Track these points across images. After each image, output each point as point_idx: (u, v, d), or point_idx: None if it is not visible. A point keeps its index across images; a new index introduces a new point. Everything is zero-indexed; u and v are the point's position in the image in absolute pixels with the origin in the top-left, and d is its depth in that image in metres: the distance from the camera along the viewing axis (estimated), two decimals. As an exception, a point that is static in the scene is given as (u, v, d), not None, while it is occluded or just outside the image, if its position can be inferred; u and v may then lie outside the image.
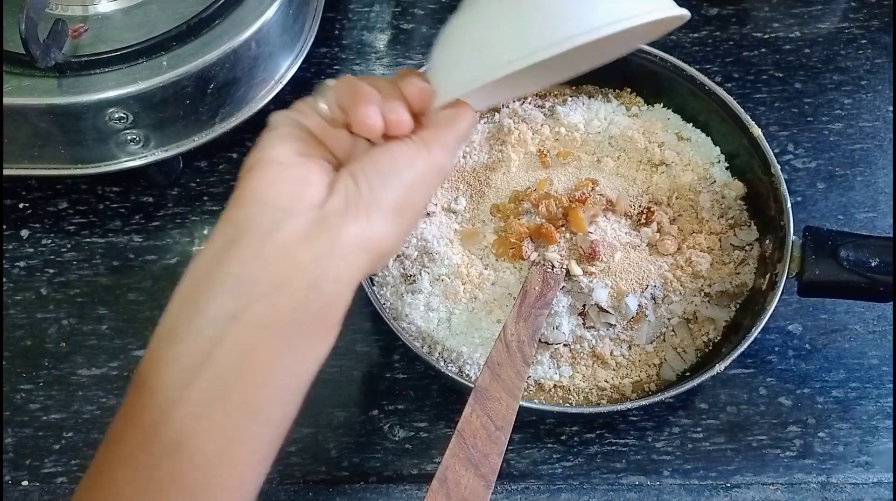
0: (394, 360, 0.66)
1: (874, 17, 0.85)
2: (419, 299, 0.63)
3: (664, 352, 0.64)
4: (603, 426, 0.64)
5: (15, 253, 0.70)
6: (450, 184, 0.68)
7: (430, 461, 0.62)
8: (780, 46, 0.83)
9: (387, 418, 0.64)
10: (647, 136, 0.71)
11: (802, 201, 0.74)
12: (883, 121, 0.78)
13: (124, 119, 0.64)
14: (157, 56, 0.64)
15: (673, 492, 0.61)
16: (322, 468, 0.62)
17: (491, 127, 0.72)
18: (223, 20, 0.67)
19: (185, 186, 0.73)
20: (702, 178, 0.69)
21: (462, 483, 0.49)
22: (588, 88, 0.75)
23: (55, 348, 0.66)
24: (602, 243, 0.63)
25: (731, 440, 0.63)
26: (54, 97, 0.62)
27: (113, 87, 0.63)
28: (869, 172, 0.76)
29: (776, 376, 0.66)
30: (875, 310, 0.68)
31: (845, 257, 0.60)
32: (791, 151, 0.77)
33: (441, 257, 0.64)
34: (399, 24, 0.84)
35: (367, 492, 0.61)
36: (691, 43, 0.83)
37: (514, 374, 0.55)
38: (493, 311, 0.63)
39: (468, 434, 0.51)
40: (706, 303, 0.65)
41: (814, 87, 0.81)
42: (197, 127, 0.68)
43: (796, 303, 0.67)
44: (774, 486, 0.61)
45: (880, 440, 0.63)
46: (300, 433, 0.63)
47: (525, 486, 0.61)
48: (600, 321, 0.62)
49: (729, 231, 0.67)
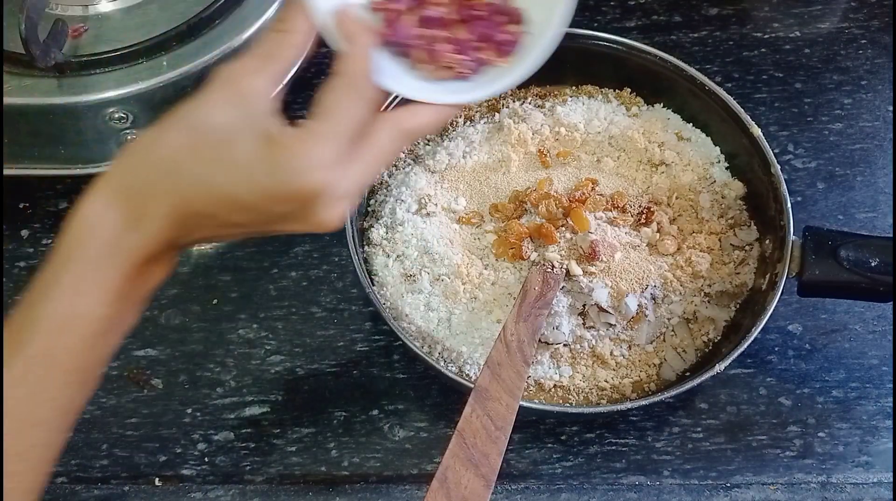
0: (394, 360, 0.66)
1: (874, 17, 0.85)
2: (419, 299, 0.63)
3: (664, 352, 0.64)
4: (603, 426, 0.64)
5: (15, 253, 0.70)
6: (450, 184, 0.68)
7: (430, 461, 0.62)
8: (780, 46, 0.83)
9: (387, 418, 0.64)
10: (647, 136, 0.71)
11: (802, 201, 0.74)
12: (883, 121, 0.78)
13: (124, 119, 0.64)
14: (158, 56, 0.64)
15: (673, 492, 0.61)
16: (322, 468, 0.62)
17: (491, 127, 0.72)
18: (223, 20, 0.67)
19: (185, 186, 0.73)
20: (702, 178, 0.69)
21: (462, 482, 0.49)
22: (588, 88, 0.75)
23: (55, 348, 0.66)
24: (602, 243, 0.63)
25: (731, 440, 0.63)
26: (54, 97, 0.63)
27: (113, 87, 0.63)
28: (869, 172, 0.76)
29: (776, 376, 0.66)
30: (875, 310, 0.68)
31: (845, 257, 0.60)
32: (791, 151, 0.77)
33: (441, 257, 0.64)
34: (399, 24, 0.84)
35: (367, 492, 0.61)
36: (691, 43, 0.83)
37: (514, 374, 0.55)
38: (493, 311, 0.63)
39: (468, 434, 0.51)
40: (706, 303, 0.65)
41: (814, 87, 0.81)
42: (197, 127, 0.68)
43: (796, 303, 0.67)
44: (774, 486, 0.61)
45: (880, 440, 0.63)
46: (300, 433, 0.63)
47: (525, 486, 0.61)
48: (600, 321, 0.62)
49: (729, 231, 0.67)
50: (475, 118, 0.73)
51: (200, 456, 0.62)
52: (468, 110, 0.73)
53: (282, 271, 0.69)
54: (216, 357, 0.66)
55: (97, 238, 0.42)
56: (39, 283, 0.43)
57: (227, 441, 0.63)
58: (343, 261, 0.69)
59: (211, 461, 0.62)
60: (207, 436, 0.63)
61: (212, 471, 0.61)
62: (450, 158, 0.69)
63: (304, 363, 0.66)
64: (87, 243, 0.42)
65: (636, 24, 0.84)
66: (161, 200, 0.43)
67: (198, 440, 0.63)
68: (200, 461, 0.62)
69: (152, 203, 0.43)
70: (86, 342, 0.43)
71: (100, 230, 0.42)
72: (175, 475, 0.61)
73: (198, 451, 0.62)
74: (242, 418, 0.64)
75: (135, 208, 0.42)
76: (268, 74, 0.44)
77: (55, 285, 0.42)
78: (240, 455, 0.62)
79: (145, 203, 0.43)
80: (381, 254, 0.65)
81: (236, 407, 0.64)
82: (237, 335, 0.67)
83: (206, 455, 0.62)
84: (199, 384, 0.65)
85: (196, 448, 0.62)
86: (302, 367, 0.66)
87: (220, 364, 0.65)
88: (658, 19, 0.85)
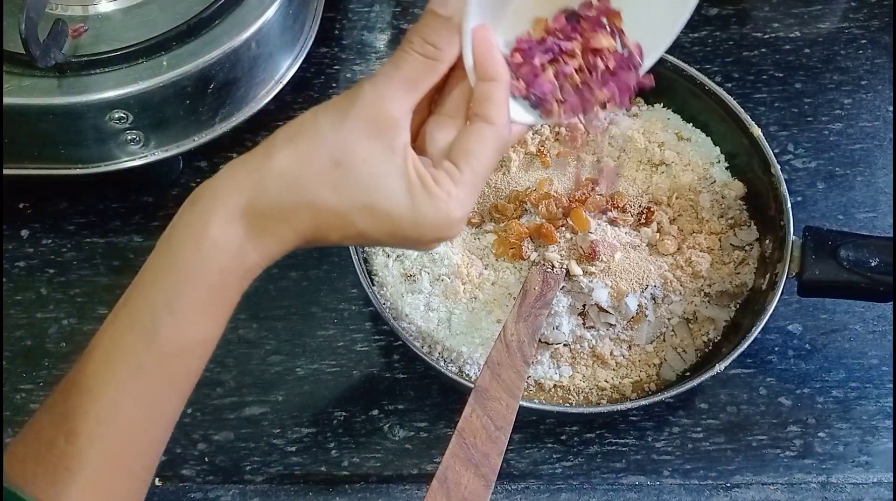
0: (394, 360, 0.66)
1: (874, 17, 0.85)
2: (419, 299, 0.63)
3: (664, 352, 0.64)
4: (603, 426, 0.64)
5: (15, 253, 0.70)
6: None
7: (430, 461, 0.62)
8: (780, 46, 0.83)
9: (387, 418, 0.64)
10: (647, 136, 0.71)
11: (802, 201, 0.74)
12: (883, 121, 0.78)
13: (124, 119, 0.64)
14: (158, 56, 0.64)
15: (673, 492, 0.61)
16: (322, 468, 0.62)
17: (491, 127, 0.72)
18: (223, 20, 0.67)
19: (185, 187, 0.73)
20: (702, 178, 0.69)
21: (462, 482, 0.49)
22: (588, 87, 0.75)
23: (55, 348, 0.66)
24: (602, 243, 0.63)
25: (731, 440, 0.63)
26: (54, 97, 0.62)
27: (113, 87, 0.63)
28: (869, 172, 0.76)
29: (776, 376, 0.66)
30: (875, 310, 0.68)
31: (845, 257, 0.60)
32: (791, 151, 0.77)
33: (441, 257, 0.64)
34: (399, 24, 0.84)
35: (367, 492, 0.61)
36: (691, 43, 0.83)
37: (514, 374, 0.55)
38: (493, 311, 0.63)
39: (468, 434, 0.51)
40: (706, 303, 0.65)
41: (814, 87, 0.80)
42: (197, 127, 0.68)
43: (796, 303, 0.67)
44: (774, 486, 0.61)
45: (880, 440, 0.63)
46: (300, 433, 0.63)
47: (525, 486, 0.61)
48: (600, 321, 0.62)
49: (729, 231, 0.67)
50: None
51: (200, 456, 0.62)
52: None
53: (282, 271, 0.69)
54: (216, 357, 0.65)
55: (224, 263, 0.41)
56: (147, 297, 0.42)
57: (227, 440, 0.63)
58: (343, 261, 0.69)
59: (211, 461, 0.62)
60: (207, 436, 0.63)
61: (212, 471, 0.61)
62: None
63: (304, 363, 0.66)
64: (211, 267, 0.41)
65: (636, 24, 0.84)
66: (297, 230, 0.42)
67: (198, 440, 0.63)
68: (200, 461, 0.62)
69: (287, 232, 0.42)
70: (203, 363, 0.43)
71: (227, 257, 0.41)
72: (175, 475, 0.61)
73: (198, 451, 0.62)
74: (242, 418, 0.64)
75: (268, 235, 0.42)
76: (412, 102, 0.43)
77: (175, 310, 0.41)
78: (240, 455, 0.62)
79: (279, 231, 0.42)
80: (381, 254, 0.65)
81: (236, 407, 0.64)
82: (237, 334, 0.66)
83: (206, 454, 0.62)
84: (199, 384, 0.63)
85: (196, 447, 0.62)
86: (302, 367, 0.66)
87: (219, 364, 0.65)
88: (658, 19, 0.85)
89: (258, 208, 0.41)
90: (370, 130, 0.42)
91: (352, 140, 0.41)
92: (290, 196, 0.41)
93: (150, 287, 0.42)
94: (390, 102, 0.42)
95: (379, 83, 0.42)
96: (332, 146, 0.41)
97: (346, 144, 0.41)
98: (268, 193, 0.41)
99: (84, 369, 0.41)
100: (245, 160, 0.42)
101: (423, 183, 0.42)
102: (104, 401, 0.40)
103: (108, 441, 0.40)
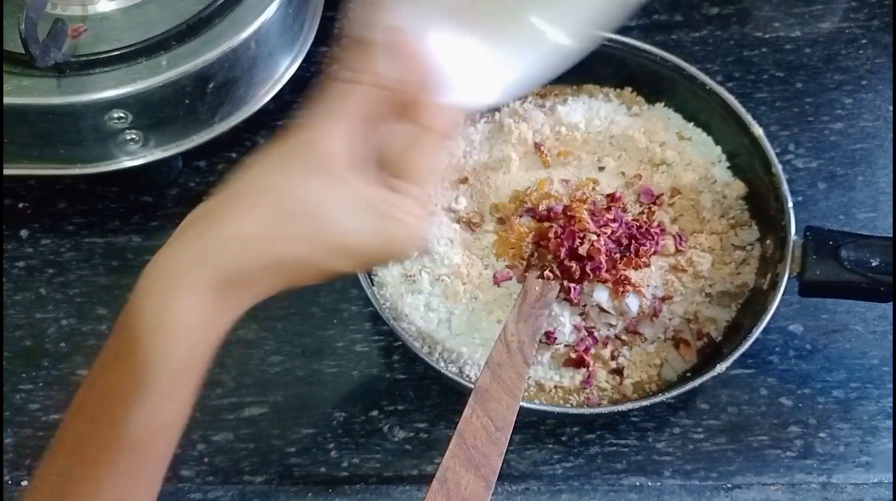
0: (394, 360, 0.66)
1: (875, 16, 0.85)
2: (419, 300, 0.63)
3: (665, 352, 0.63)
4: (603, 427, 0.64)
5: (15, 253, 0.70)
6: (450, 184, 0.68)
7: (430, 461, 0.62)
8: (780, 46, 0.83)
9: (387, 418, 0.63)
10: (648, 135, 0.70)
11: (803, 201, 0.73)
12: (884, 120, 0.78)
13: (124, 119, 0.64)
14: (157, 56, 0.64)
15: (674, 493, 0.61)
16: (322, 468, 0.62)
17: (491, 127, 0.71)
18: (223, 20, 0.66)
19: (184, 186, 0.73)
20: (703, 177, 0.69)
21: (462, 483, 0.48)
22: (589, 87, 0.75)
23: (55, 348, 0.66)
24: (602, 243, 0.63)
25: (731, 440, 0.63)
26: (54, 97, 0.62)
27: (113, 87, 0.63)
28: (870, 172, 0.75)
29: (777, 376, 0.66)
30: (876, 310, 0.68)
31: (846, 257, 0.60)
32: (792, 150, 0.77)
33: (441, 257, 0.64)
34: (399, 23, 0.84)
35: (367, 493, 0.61)
36: (692, 42, 0.83)
37: (514, 374, 0.54)
38: (493, 311, 0.63)
39: (468, 435, 0.50)
40: (707, 303, 0.65)
41: (814, 86, 0.80)
42: (196, 127, 0.68)
43: (797, 303, 0.67)
44: (775, 487, 0.61)
45: (881, 440, 0.63)
46: (300, 433, 0.63)
47: (525, 487, 0.61)
48: (601, 321, 0.62)
49: (730, 231, 0.67)
50: (475, 118, 0.73)
51: (199, 457, 0.62)
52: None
53: (282, 272, 0.69)
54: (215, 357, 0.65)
55: (190, 339, 0.39)
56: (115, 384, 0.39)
57: (227, 441, 0.63)
58: (343, 261, 0.69)
59: (210, 461, 0.62)
60: (207, 437, 0.63)
61: (211, 472, 0.61)
62: (450, 158, 0.69)
63: (304, 364, 0.66)
64: (178, 347, 0.39)
65: (637, 24, 0.84)
66: (273, 287, 0.41)
67: (197, 440, 0.63)
68: (199, 461, 0.62)
69: (261, 288, 0.41)
70: (170, 448, 0.41)
71: (198, 332, 0.40)
72: (174, 475, 0.61)
73: (197, 451, 0.62)
74: (242, 418, 0.64)
75: (241, 296, 0.40)
76: (347, 131, 0.42)
77: (143, 397, 0.39)
78: (239, 455, 0.62)
79: (252, 290, 0.41)
80: (381, 254, 0.65)
81: (235, 408, 0.64)
82: (236, 335, 0.66)
83: (205, 455, 0.62)
84: (199, 385, 0.65)
85: (195, 448, 0.62)
86: (302, 367, 0.66)
87: (219, 364, 0.65)
88: (659, 19, 0.85)
89: (228, 278, 0.39)
90: (319, 173, 0.41)
91: (305, 188, 0.41)
92: (258, 261, 0.40)
93: (109, 381, 0.40)
94: (326, 139, 0.41)
95: (313, 123, 0.42)
96: (288, 200, 0.40)
97: (301, 194, 0.41)
98: (236, 261, 0.40)
99: (50, 468, 0.40)
100: (202, 230, 0.40)
101: (383, 209, 0.42)
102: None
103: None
